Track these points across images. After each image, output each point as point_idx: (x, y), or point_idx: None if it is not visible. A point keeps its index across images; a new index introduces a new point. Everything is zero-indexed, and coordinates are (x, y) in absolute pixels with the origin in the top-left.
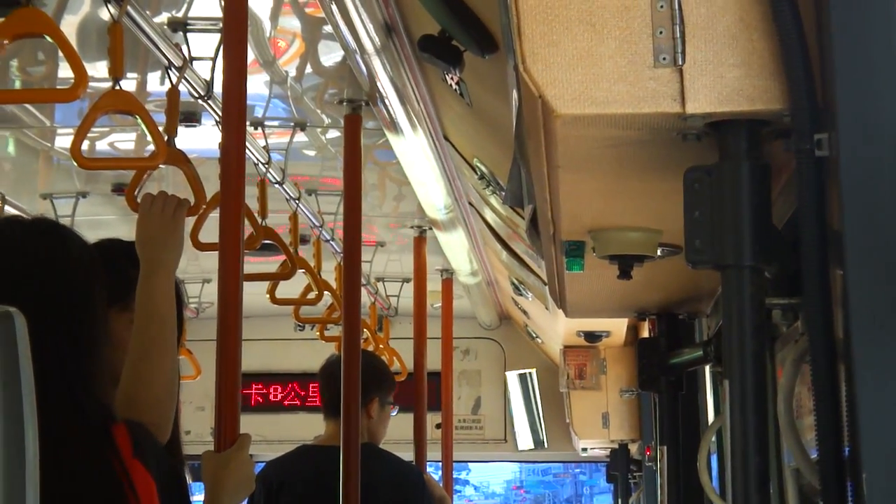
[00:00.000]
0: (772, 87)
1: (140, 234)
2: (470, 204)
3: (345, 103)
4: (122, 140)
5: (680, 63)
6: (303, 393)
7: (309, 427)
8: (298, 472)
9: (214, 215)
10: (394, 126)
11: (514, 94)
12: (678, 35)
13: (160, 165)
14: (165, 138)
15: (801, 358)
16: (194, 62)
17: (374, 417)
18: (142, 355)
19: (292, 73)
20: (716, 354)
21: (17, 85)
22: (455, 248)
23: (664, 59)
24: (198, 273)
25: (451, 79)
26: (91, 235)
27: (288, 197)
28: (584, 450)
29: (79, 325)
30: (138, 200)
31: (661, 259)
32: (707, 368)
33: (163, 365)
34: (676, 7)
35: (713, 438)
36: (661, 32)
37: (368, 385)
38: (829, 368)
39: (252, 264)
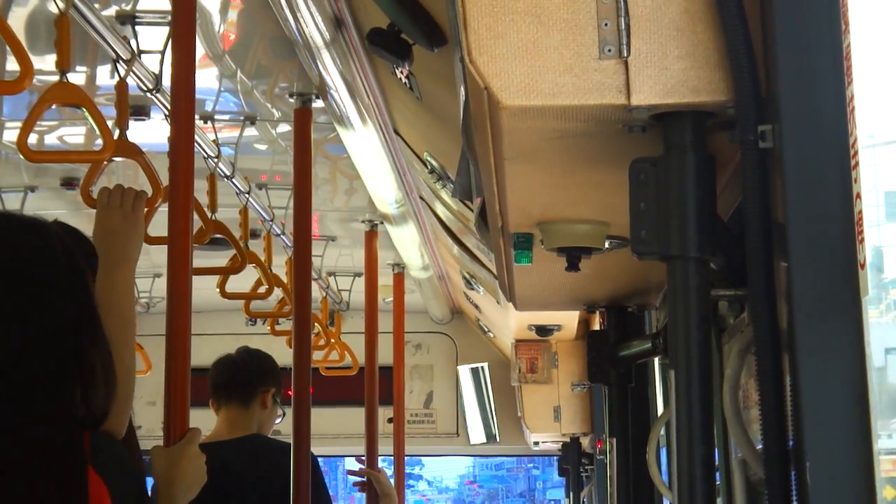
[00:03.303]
0: (716, 79)
1: (99, 229)
2: (421, 198)
3: (295, 97)
4: (71, 134)
5: (625, 55)
6: None
7: None
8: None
9: (163, 209)
10: (344, 120)
11: (462, 86)
12: (623, 27)
13: (113, 159)
14: (116, 132)
15: (746, 349)
16: (143, 55)
17: (268, 408)
18: None
19: (242, 66)
20: (664, 346)
21: None
22: (406, 242)
23: (609, 50)
24: (148, 268)
25: (401, 72)
26: None
27: (238, 191)
28: (536, 443)
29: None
30: (94, 196)
31: (610, 251)
32: (656, 361)
33: (122, 360)
34: None
35: (662, 431)
36: (606, 24)
37: (267, 376)
38: (773, 359)
39: (202, 259)
